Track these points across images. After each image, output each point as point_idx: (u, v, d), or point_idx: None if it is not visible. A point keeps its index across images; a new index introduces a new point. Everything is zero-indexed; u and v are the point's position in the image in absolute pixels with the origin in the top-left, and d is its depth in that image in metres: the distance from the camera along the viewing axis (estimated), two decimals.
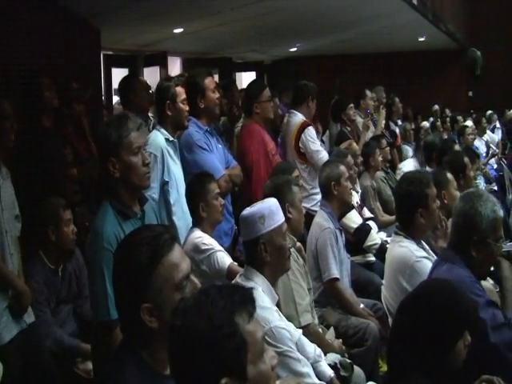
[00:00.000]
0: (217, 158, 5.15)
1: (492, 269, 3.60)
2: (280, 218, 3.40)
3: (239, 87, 9.86)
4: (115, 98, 10.61)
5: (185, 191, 4.58)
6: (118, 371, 2.19)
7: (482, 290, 3.28)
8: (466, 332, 2.66)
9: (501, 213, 3.43)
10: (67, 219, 4.59)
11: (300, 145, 6.34)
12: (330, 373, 3.65)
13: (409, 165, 8.53)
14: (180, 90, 4.83)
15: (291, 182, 4.34)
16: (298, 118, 6.39)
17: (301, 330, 3.74)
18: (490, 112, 15.10)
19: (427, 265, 4.04)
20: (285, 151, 6.59)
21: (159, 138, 4.70)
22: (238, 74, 17.15)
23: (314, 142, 6.42)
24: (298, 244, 4.39)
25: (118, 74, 10.38)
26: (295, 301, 4.02)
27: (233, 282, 3.44)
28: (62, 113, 5.94)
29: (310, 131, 6.42)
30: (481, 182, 8.79)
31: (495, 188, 9.55)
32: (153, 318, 2.16)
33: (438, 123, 13.36)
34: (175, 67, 13.06)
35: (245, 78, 16.94)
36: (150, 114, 6.77)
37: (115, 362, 2.25)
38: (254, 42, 12.43)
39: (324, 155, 6.32)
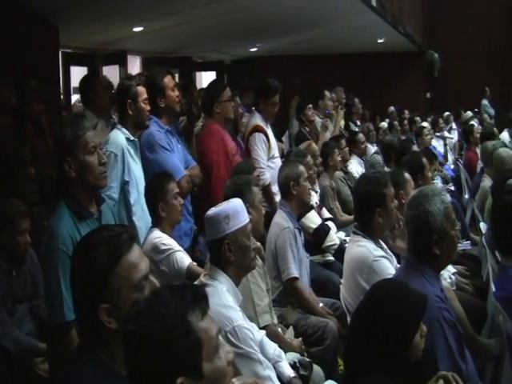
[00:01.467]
0: (177, 158, 5.14)
1: None
2: (245, 218, 3.41)
3: (199, 87, 9.85)
4: (74, 97, 10.53)
5: (144, 191, 4.56)
6: (75, 372, 2.18)
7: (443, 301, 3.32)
8: (421, 323, 2.71)
9: (448, 198, 3.47)
10: (23, 229, 4.40)
11: (248, 146, 6.29)
12: (290, 373, 3.66)
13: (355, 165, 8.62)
14: (141, 89, 4.81)
15: (251, 182, 4.34)
16: (255, 119, 6.35)
17: (264, 331, 3.75)
18: (447, 113, 15.29)
19: (385, 264, 4.09)
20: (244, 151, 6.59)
21: (120, 137, 4.68)
22: (198, 74, 17.11)
23: (258, 150, 6.26)
24: (258, 244, 4.40)
25: (77, 73, 10.30)
26: (254, 302, 4.03)
27: (197, 281, 3.44)
28: (20, 111, 5.88)
29: (257, 137, 6.29)
30: (438, 182, 8.89)
31: (452, 188, 9.67)
32: (111, 319, 2.15)
33: (396, 123, 13.49)
34: (135, 66, 13.00)
35: (205, 78, 16.92)
36: (112, 113, 6.73)
37: (73, 362, 2.24)
38: (214, 41, 12.43)
39: (260, 170, 6.07)
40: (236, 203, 3.43)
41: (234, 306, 3.30)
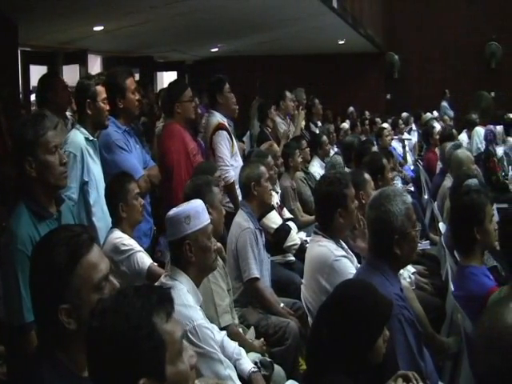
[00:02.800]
0: (135, 158, 5.11)
1: None
2: (205, 219, 3.41)
3: (160, 87, 9.82)
4: (33, 96, 10.41)
5: (104, 191, 4.53)
6: (34, 373, 2.16)
7: (403, 300, 3.35)
8: (385, 328, 2.73)
9: (409, 199, 3.50)
10: None
11: (212, 145, 6.25)
12: (250, 368, 3.67)
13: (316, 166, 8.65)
14: (100, 88, 4.77)
15: (211, 182, 4.34)
16: (216, 118, 6.31)
17: (224, 332, 3.75)
18: (405, 114, 15.44)
19: (346, 264, 4.11)
20: (206, 152, 6.56)
21: (79, 137, 4.64)
22: (159, 74, 17.06)
23: (222, 148, 6.18)
24: (218, 244, 4.40)
25: (37, 72, 10.18)
26: (215, 302, 4.03)
27: (158, 282, 3.43)
28: None
29: (221, 135, 6.22)
30: (398, 183, 8.97)
31: (412, 189, 9.75)
32: (71, 320, 2.13)
33: (358, 124, 13.58)
34: (95, 65, 12.92)
35: (166, 78, 16.87)
36: (68, 113, 6.66)
37: (31, 364, 2.22)
38: (175, 41, 12.39)
39: (225, 168, 6.07)
40: (197, 204, 3.42)
41: (195, 306, 3.29)
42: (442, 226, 6.08)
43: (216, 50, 15.20)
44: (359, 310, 2.69)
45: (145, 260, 4.32)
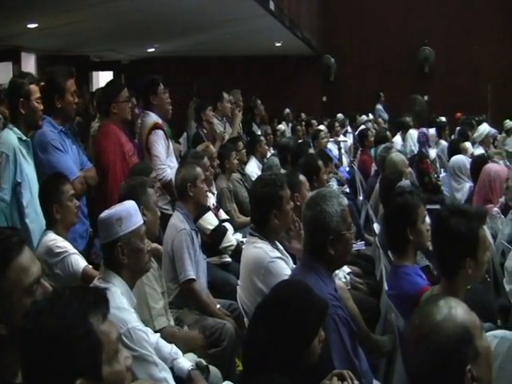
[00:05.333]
0: (71, 159, 5.04)
1: None
2: (138, 221, 3.38)
3: (96, 86, 9.72)
4: None
5: (38, 192, 4.46)
6: None
7: (338, 300, 3.39)
8: (321, 329, 2.76)
9: (345, 201, 3.55)
10: None
11: (148, 145, 6.20)
12: (188, 366, 3.66)
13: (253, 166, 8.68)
14: (34, 88, 4.69)
15: (146, 183, 4.31)
16: (151, 118, 6.26)
17: (158, 334, 3.73)
18: (340, 115, 15.61)
19: (281, 265, 4.13)
20: (142, 153, 6.51)
21: (11, 136, 4.55)
22: (94, 73, 16.89)
23: (158, 147, 6.12)
24: (153, 246, 4.37)
25: None
26: (149, 305, 4.01)
27: (91, 284, 3.39)
28: None
29: (157, 134, 6.15)
30: (334, 185, 9.06)
31: (347, 190, 9.87)
32: (1, 325, 2.10)
33: (298, 127, 13.68)
34: (29, 64, 12.71)
35: (102, 78, 16.72)
36: None
37: None
38: (111, 41, 12.28)
39: (162, 167, 6.04)
40: (129, 205, 3.40)
41: (129, 309, 3.27)
42: (376, 227, 6.16)
43: (153, 50, 15.12)
44: (295, 310, 2.71)
45: (79, 262, 4.26)
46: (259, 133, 10.38)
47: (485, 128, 10.53)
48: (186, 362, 3.71)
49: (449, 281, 3.35)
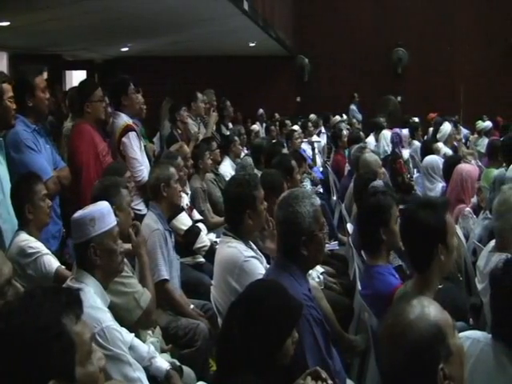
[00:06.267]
0: (45, 159, 5.00)
1: None
2: (111, 221, 3.37)
3: (69, 85, 9.66)
4: None
5: (10, 192, 4.42)
6: None
7: (311, 300, 3.40)
8: (294, 329, 2.77)
9: (318, 201, 3.56)
10: None
11: (121, 147, 6.16)
12: (166, 366, 3.67)
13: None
14: (6, 86, 4.64)
15: (119, 183, 4.30)
16: (122, 119, 6.22)
17: (133, 334, 3.71)
18: (313, 116, 15.65)
19: (255, 264, 4.14)
20: (114, 152, 6.47)
21: None
22: (67, 72, 16.79)
23: (133, 149, 6.09)
24: (127, 246, 4.35)
25: None
26: (130, 292, 3.97)
27: (64, 284, 3.37)
28: None
29: (130, 136, 6.11)
30: (307, 185, 9.08)
31: (321, 190, 9.90)
32: None
33: (273, 127, 13.70)
34: (1, 62, 12.60)
35: (75, 77, 16.63)
36: None
37: None
38: (85, 39, 12.21)
39: (140, 168, 6.00)
40: (102, 206, 3.39)
41: (103, 308, 3.26)
42: (349, 227, 6.19)
43: (126, 49, 15.06)
44: (269, 310, 2.72)
45: (52, 263, 4.24)
46: (228, 134, 10.35)
47: (447, 128, 10.61)
48: (164, 361, 3.70)
49: (422, 274, 3.37)
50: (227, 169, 8.53)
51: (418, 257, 3.39)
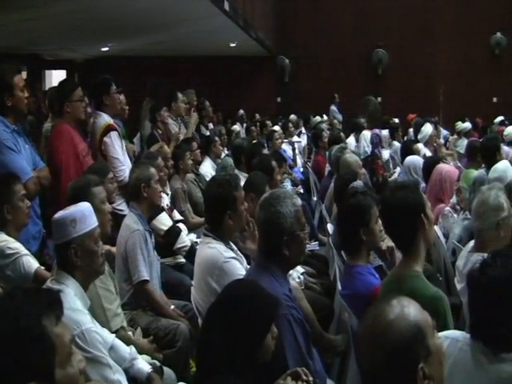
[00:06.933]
0: (24, 159, 4.97)
1: None
2: (92, 223, 3.36)
3: (49, 85, 9.60)
4: None
5: None
6: None
7: (292, 300, 3.40)
8: (273, 325, 2.77)
9: (299, 201, 3.57)
10: None
11: (103, 147, 6.14)
12: (147, 369, 3.66)
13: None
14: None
15: (91, 183, 4.28)
16: (103, 119, 6.19)
17: (114, 335, 3.71)
18: (293, 116, 15.67)
19: (235, 265, 4.14)
20: (94, 153, 6.44)
21: None
22: (47, 72, 16.70)
23: (115, 149, 6.07)
24: (107, 248, 4.35)
25: None
26: (103, 306, 3.97)
27: (44, 286, 3.35)
28: None
29: (112, 136, 6.09)
30: (288, 185, 9.09)
31: (301, 190, 9.91)
32: None
33: (253, 128, 13.70)
34: None
35: (55, 76, 16.54)
36: None
37: None
38: (65, 39, 12.15)
39: (122, 168, 5.98)
40: (84, 207, 3.38)
41: (83, 310, 3.25)
42: (330, 227, 6.20)
43: (107, 49, 15.00)
44: (245, 310, 2.72)
45: (31, 264, 4.22)
46: (207, 134, 10.34)
47: (428, 129, 10.66)
48: (145, 364, 3.69)
49: (409, 249, 3.41)
50: (208, 169, 8.53)
51: (403, 234, 3.43)
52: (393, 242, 3.78)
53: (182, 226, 6.18)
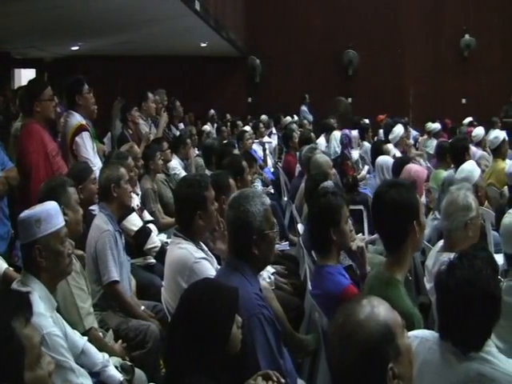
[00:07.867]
0: None
1: None
2: (58, 222, 3.33)
3: (18, 84, 9.52)
4: None
5: None
6: None
7: (262, 300, 3.41)
8: (236, 315, 2.77)
9: (268, 200, 3.57)
10: None
11: (74, 147, 6.10)
12: (119, 377, 3.64)
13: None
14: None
15: (66, 183, 4.26)
16: (75, 119, 6.16)
17: (86, 338, 3.68)
18: (264, 117, 15.70)
19: (206, 266, 4.13)
20: (65, 152, 6.40)
21: None
22: (16, 71, 16.57)
23: (86, 149, 6.07)
24: (80, 253, 4.33)
25: None
26: (77, 305, 3.94)
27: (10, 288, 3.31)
28: None
29: (83, 136, 6.08)
30: (258, 185, 9.10)
31: (272, 190, 9.92)
32: None
33: (224, 128, 13.70)
34: None
35: (24, 75, 16.42)
36: None
37: None
38: (34, 37, 12.04)
39: (93, 169, 5.68)
40: (50, 206, 3.34)
41: (45, 314, 3.19)
42: (300, 227, 6.22)
43: (77, 48, 14.91)
44: (205, 308, 2.71)
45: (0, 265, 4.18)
46: (178, 134, 10.31)
47: (399, 130, 10.73)
48: (117, 372, 3.68)
49: (395, 253, 3.38)
50: (176, 165, 8.51)
51: (392, 236, 3.39)
52: (381, 241, 3.75)
53: (152, 226, 6.15)
